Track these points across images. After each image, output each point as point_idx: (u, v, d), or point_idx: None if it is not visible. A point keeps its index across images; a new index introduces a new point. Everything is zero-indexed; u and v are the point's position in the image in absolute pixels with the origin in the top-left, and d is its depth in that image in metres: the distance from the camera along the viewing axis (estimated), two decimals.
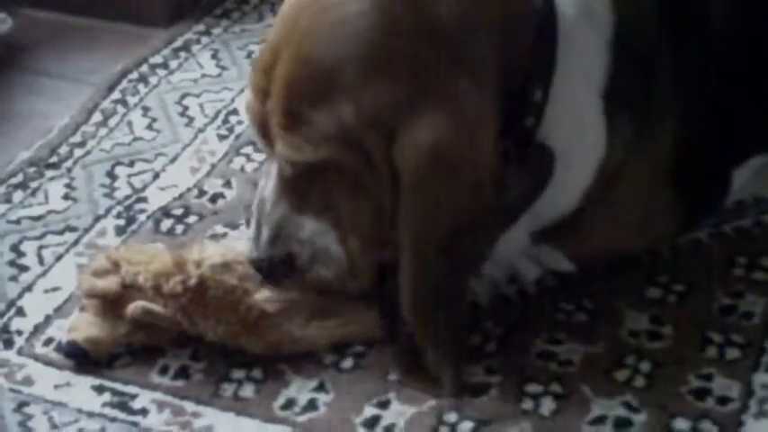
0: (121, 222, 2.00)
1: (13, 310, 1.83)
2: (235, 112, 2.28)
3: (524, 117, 1.60)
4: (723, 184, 1.87)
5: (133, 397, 1.68)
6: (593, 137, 1.64)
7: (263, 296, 1.69)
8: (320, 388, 1.67)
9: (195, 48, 2.50)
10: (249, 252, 1.69)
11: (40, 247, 1.96)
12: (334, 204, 1.61)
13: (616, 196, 1.71)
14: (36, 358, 1.75)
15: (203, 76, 2.41)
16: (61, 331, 1.77)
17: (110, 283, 1.71)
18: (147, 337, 1.72)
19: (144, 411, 1.66)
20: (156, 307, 1.68)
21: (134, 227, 1.99)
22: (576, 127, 1.63)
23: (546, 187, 1.61)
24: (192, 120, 2.27)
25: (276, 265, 1.67)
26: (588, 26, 1.62)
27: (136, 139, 2.23)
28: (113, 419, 1.65)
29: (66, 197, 2.08)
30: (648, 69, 1.67)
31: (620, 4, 1.64)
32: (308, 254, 1.66)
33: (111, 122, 2.27)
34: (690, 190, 1.78)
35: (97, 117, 2.29)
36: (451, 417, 1.62)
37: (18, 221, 2.02)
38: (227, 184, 2.09)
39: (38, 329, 1.79)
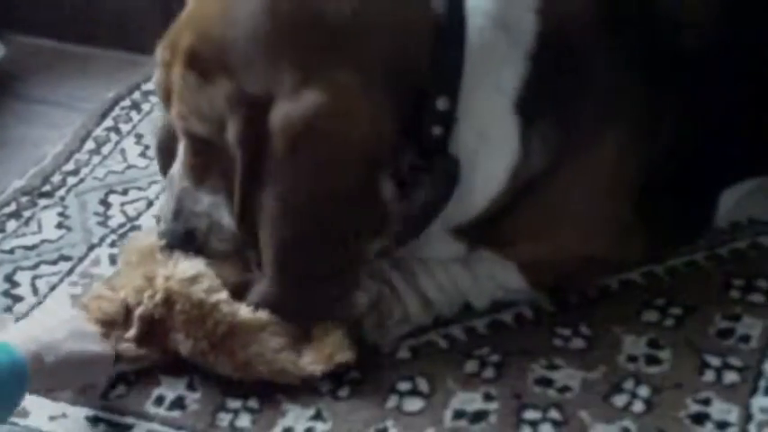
0: (116, 251, 1.99)
1: None
2: None
3: (430, 126, 1.65)
4: (707, 206, 1.88)
5: (129, 428, 1.67)
6: (502, 143, 1.68)
7: (237, 305, 1.69)
8: (317, 417, 1.66)
9: None
10: (159, 226, 1.79)
11: (35, 277, 1.95)
12: (227, 181, 1.68)
13: (550, 199, 1.73)
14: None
15: None
16: None
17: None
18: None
19: None
20: (142, 351, 1.70)
21: None
22: (484, 135, 1.67)
23: (451, 196, 1.68)
24: None
25: (178, 239, 1.75)
26: (503, 37, 1.66)
27: (129, 166, 2.23)
28: None
29: (59, 226, 2.07)
30: (578, 79, 1.69)
31: (549, 14, 1.66)
32: (205, 227, 1.74)
33: (105, 150, 2.27)
34: (658, 206, 1.79)
35: (90, 145, 2.29)
36: None
37: (11, 251, 2.02)
38: None
39: None
